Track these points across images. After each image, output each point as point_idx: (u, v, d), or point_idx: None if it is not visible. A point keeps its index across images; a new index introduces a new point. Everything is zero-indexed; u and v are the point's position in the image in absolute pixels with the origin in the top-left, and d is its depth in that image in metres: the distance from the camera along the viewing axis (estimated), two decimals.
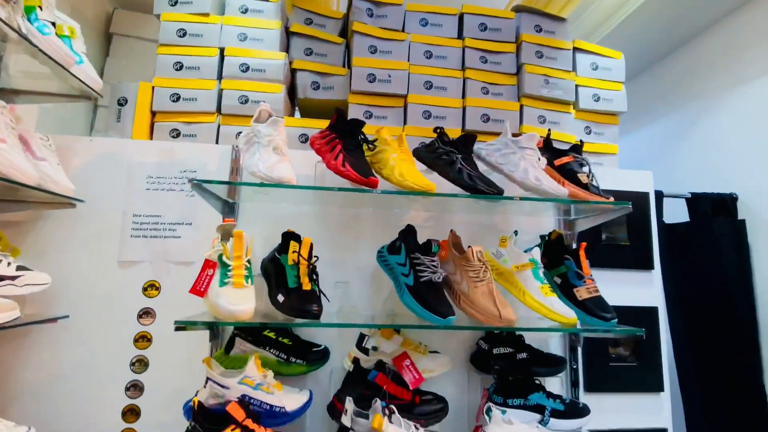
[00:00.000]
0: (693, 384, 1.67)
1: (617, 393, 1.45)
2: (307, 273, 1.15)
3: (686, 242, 1.88)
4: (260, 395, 1.12)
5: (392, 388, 1.18)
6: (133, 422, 1.30)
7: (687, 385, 1.66)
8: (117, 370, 1.31)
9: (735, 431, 1.64)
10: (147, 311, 1.36)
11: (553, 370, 1.32)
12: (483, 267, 1.18)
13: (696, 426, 1.63)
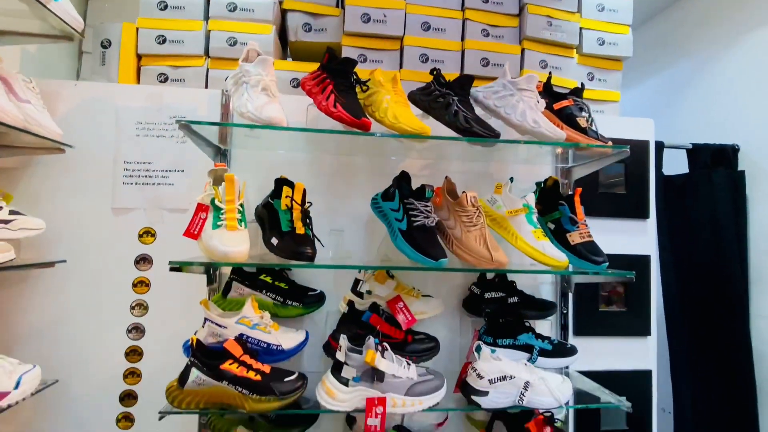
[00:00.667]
0: (680, 330, 1.72)
1: (605, 337, 1.49)
2: (300, 218, 1.15)
3: (683, 194, 1.87)
4: (257, 334, 1.16)
5: (385, 328, 1.21)
6: (137, 362, 1.35)
7: (674, 330, 1.71)
8: (117, 314, 1.34)
9: (717, 374, 1.70)
10: (144, 257, 1.37)
11: (543, 314, 1.35)
12: (476, 212, 1.17)
13: (679, 369, 1.70)
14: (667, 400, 1.81)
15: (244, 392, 1.02)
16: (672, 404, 1.80)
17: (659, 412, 1.56)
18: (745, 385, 1.66)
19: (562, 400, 1.11)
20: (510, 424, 1.23)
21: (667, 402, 1.82)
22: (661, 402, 1.56)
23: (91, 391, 1.32)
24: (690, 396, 1.72)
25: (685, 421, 1.74)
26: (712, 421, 1.71)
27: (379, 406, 1.04)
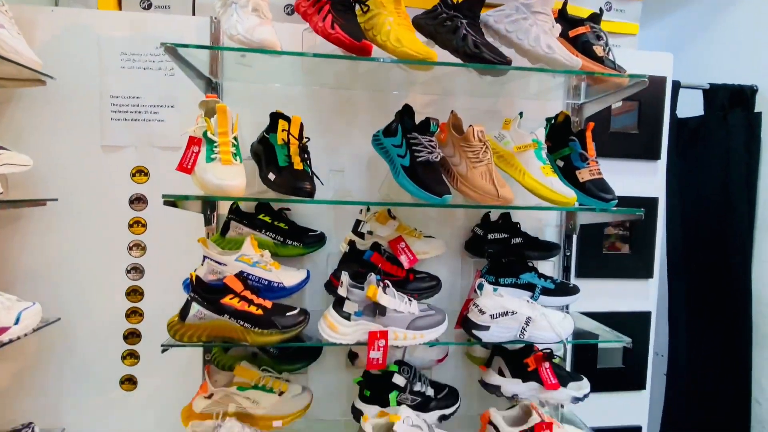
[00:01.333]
0: (681, 273, 1.72)
1: (607, 279, 1.49)
2: (297, 152, 1.09)
3: (696, 138, 1.80)
4: (258, 272, 1.14)
5: (387, 266, 1.20)
6: (138, 302, 1.35)
7: (675, 273, 1.71)
8: (115, 254, 1.32)
9: (714, 318, 1.72)
10: (138, 197, 1.33)
11: (546, 255, 1.33)
12: (483, 147, 1.12)
13: (677, 312, 1.71)
14: (662, 345, 1.85)
15: (245, 326, 1.01)
16: (667, 348, 1.83)
17: (654, 356, 1.59)
18: (741, 330, 1.68)
19: (563, 335, 1.11)
20: (509, 359, 1.24)
21: (662, 346, 1.86)
22: (656, 346, 1.59)
23: (95, 329, 1.33)
24: (686, 339, 1.75)
25: (678, 365, 1.78)
26: (705, 366, 1.74)
27: (381, 339, 1.04)
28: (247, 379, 1.17)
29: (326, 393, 1.38)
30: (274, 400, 1.16)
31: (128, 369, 1.35)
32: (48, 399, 1.32)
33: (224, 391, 1.15)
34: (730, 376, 1.71)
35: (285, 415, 1.16)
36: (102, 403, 1.34)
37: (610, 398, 1.52)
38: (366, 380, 1.22)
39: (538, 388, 1.21)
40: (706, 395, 1.74)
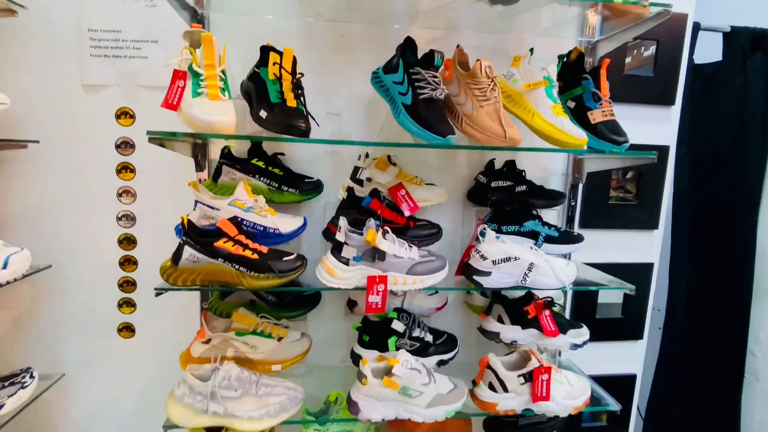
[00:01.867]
0: (685, 225, 1.68)
1: (611, 230, 1.46)
2: (291, 88, 1.02)
3: (711, 84, 1.71)
4: (252, 217, 1.10)
5: (386, 213, 1.15)
6: (131, 250, 1.32)
7: (679, 225, 1.67)
8: (104, 200, 1.28)
9: (715, 271, 1.70)
10: (125, 141, 1.26)
11: (552, 203, 1.28)
12: (491, 84, 1.04)
13: (679, 263, 1.70)
14: (659, 300, 1.84)
15: (241, 270, 0.98)
16: (665, 302, 1.83)
17: (651, 311, 1.58)
18: (742, 283, 1.67)
19: (566, 281, 1.09)
20: (509, 307, 1.23)
21: (659, 302, 1.85)
22: (653, 301, 1.58)
23: (89, 278, 1.31)
24: (685, 292, 1.74)
25: (676, 318, 1.79)
26: (703, 319, 1.75)
27: (380, 284, 1.01)
28: (245, 325, 1.16)
29: (325, 340, 1.38)
30: (273, 345, 1.15)
31: (125, 317, 1.34)
32: (47, 347, 1.32)
33: (222, 336, 1.14)
34: (726, 329, 1.72)
35: (284, 360, 1.16)
36: (101, 351, 1.34)
37: (608, 347, 1.53)
38: (365, 326, 1.22)
39: (538, 335, 1.20)
40: (702, 347, 1.76)
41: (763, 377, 1.70)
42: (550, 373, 1.10)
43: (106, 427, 1.38)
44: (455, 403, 1.10)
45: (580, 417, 1.58)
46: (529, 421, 1.33)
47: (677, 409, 1.80)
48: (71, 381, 1.33)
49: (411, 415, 1.08)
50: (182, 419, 1.02)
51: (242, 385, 1.04)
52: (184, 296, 1.31)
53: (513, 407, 1.12)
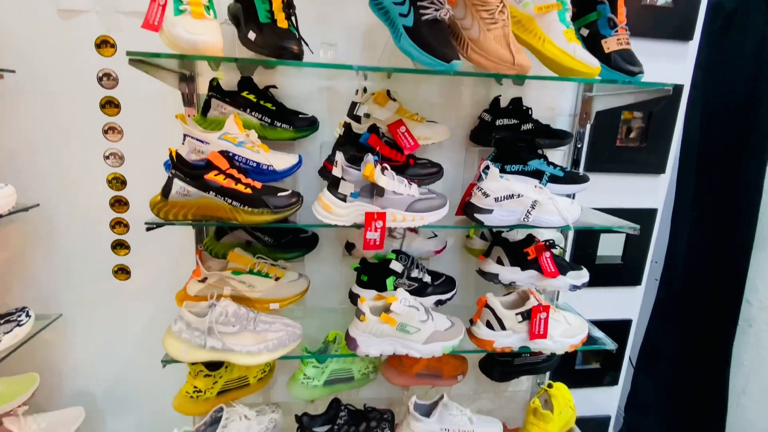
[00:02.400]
0: (692, 172, 1.64)
1: (617, 174, 1.41)
2: (281, 8, 0.94)
3: (731, 24, 1.60)
4: (244, 152, 1.05)
5: (385, 150, 1.10)
6: (121, 190, 1.27)
7: (686, 172, 1.64)
8: (89, 137, 1.22)
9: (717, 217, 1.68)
10: (107, 74, 1.19)
11: (558, 143, 1.24)
12: (500, 6, 0.96)
13: (682, 209, 1.67)
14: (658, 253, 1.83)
15: (234, 204, 0.95)
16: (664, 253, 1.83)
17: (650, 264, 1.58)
18: (744, 232, 1.65)
19: (570, 220, 1.06)
20: (509, 249, 1.21)
21: (658, 254, 1.84)
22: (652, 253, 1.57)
23: (79, 218, 1.27)
24: (685, 241, 1.73)
25: (675, 265, 1.79)
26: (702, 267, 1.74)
27: (378, 221, 0.98)
28: (242, 264, 1.14)
29: (323, 283, 1.38)
30: (270, 284, 1.14)
31: (120, 259, 1.32)
32: (42, 288, 1.31)
33: (218, 275, 1.12)
34: (724, 278, 1.72)
35: (282, 299, 1.15)
36: (98, 293, 1.34)
37: (605, 293, 1.54)
38: (363, 266, 1.20)
39: (537, 276, 1.19)
40: (699, 296, 1.77)
41: (756, 324, 1.72)
42: (548, 312, 1.10)
43: (107, 367, 1.40)
44: (453, 340, 1.11)
45: (574, 360, 1.61)
46: (524, 361, 1.36)
47: (669, 355, 1.85)
48: (69, 322, 1.33)
49: (408, 351, 1.09)
50: (180, 354, 1.02)
51: (240, 321, 1.04)
52: (178, 237, 1.29)
53: (509, 344, 1.13)
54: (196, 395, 1.18)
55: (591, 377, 1.64)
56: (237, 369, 1.26)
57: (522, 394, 1.57)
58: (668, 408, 1.86)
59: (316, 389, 1.25)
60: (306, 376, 1.24)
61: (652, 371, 1.87)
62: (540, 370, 1.38)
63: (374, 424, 1.23)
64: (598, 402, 1.67)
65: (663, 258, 1.83)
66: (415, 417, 1.19)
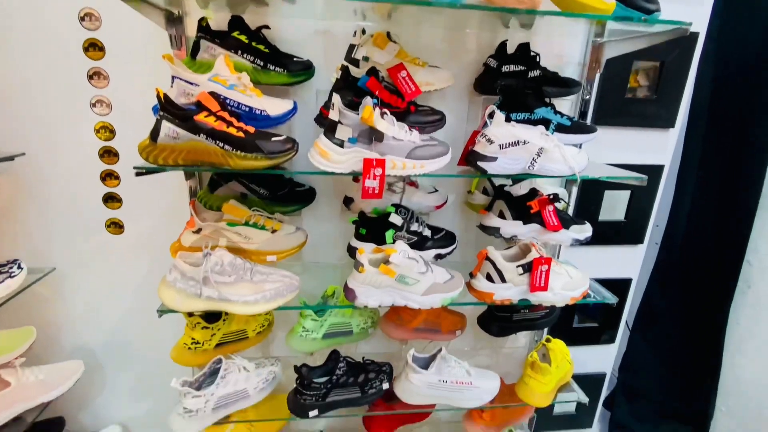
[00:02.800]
0: (701, 127, 1.59)
1: (625, 127, 1.36)
2: None
3: None
4: (236, 95, 0.99)
5: (385, 95, 1.05)
6: (110, 140, 1.23)
7: (694, 127, 1.58)
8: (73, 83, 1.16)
9: (723, 176, 1.64)
10: (89, 13, 1.11)
11: (566, 92, 1.18)
12: None
13: (688, 169, 1.63)
14: (660, 217, 1.80)
15: (226, 148, 0.90)
16: (667, 215, 1.80)
17: (652, 228, 1.55)
18: (750, 192, 1.62)
19: (577, 169, 1.02)
20: (511, 203, 1.18)
21: (660, 218, 1.82)
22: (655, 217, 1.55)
23: (68, 170, 1.23)
24: (690, 200, 1.70)
25: (677, 226, 1.76)
26: (704, 228, 1.72)
27: (377, 168, 0.94)
28: (237, 216, 1.11)
29: (322, 239, 1.35)
30: (267, 237, 1.12)
31: (112, 212, 1.29)
32: (35, 242, 1.29)
33: (213, 226, 1.09)
34: (727, 239, 1.70)
35: (279, 251, 1.13)
36: (91, 247, 1.31)
37: (607, 251, 1.52)
38: (361, 220, 1.17)
39: (539, 229, 1.17)
40: (699, 256, 1.76)
41: (755, 285, 1.72)
42: (550, 264, 1.08)
43: (105, 321, 1.40)
44: (452, 292, 1.09)
45: (572, 318, 1.62)
46: (523, 317, 1.35)
47: (666, 317, 1.86)
48: (63, 276, 1.31)
49: (407, 302, 1.08)
50: (175, 303, 1.00)
51: (236, 271, 1.02)
52: (171, 191, 1.25)
53: (509, 297, 1.12)
54: (194, 347, 1.18)
55: (588, 335, 1.65)
56: (235, 322, 1.25)
57: (520, 351, 1.58)
58: (662, 368, 1.89)
59: (314, 342, 1.25)
60: (305, 329, 1.24)
61: (649, 333, 1.89)
62: (538, 326, 1.38)
63: (373, 376, 1.24)
64: (594, 360, 1.69)
65: (664, 221, 1.81)
66: (413, 369, 1.20)
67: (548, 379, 1.25)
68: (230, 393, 1.16)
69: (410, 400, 1.22)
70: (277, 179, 1.21)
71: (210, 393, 1.13)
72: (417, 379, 1.20)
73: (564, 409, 1.76)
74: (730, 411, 1.82)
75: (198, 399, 1.11)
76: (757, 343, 1.72)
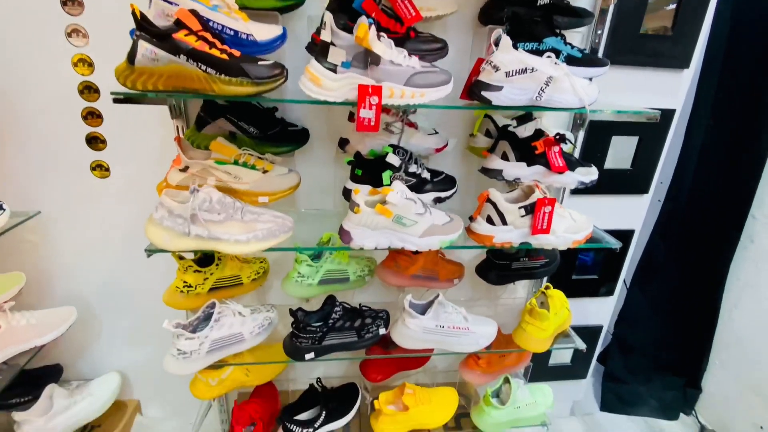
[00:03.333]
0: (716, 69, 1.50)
1: (637, 67, 1.28)
2: None
3: None
4: (220, 18, 0.91)
5: (383, 19, 0.96)
6: (90, 74, 1.14)
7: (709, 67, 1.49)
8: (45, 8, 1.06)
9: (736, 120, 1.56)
10: None
11: (577, 23, 1.09)
12: None
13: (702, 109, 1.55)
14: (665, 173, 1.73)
15: (209, 71, 0.83)
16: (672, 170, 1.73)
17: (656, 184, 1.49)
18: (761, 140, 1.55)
19: (587, 101, 0.95)
20: (516, 144, 1.12)
21: (665, 175, 1.75)
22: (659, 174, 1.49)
23: (47, 108, 1.16)
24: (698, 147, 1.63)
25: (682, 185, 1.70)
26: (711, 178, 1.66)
27: (373, 96, 0.87)
28: (225, 155, 1.05)
29: (316, 187, 1.30)
30: (258, 176, 1.06)
31: (97, 154, 1.23)
32: (19, 185, 1.23)
33: (201, 164, 1.03)
34: (734, 192, 1.65)
35: (272, 192, 1.08)
36: (77, 191, 1.26)
37: (611, 201, 1.47)
38: (357, 160, 1.11)
39: (544, 172, 1.11)
40: (703, 210, 1.71)
41: (758, 239, 1.68)
42: (553, 205, 1.03)
43: (96, 267, 1.36)
44: (451, 234, 1.05)
45: (571, 270, 1.59)
46: (522, 265, 1.32)
47: (666, 272, 1.83)
48: (50, 221, 1.27)
49: (404, 244, 1.04)
50: (163, 242, 0.96)
51: (225, 209, 0.97)
52: (157, 131, 1.19)
53: (510, 239, 1.07)
54: (187, 290, 1.15)
55: (587, 287, 1.62)
56: (229, 267, 1.22)
57: (518, 302, 1.56)
58: (659, 322, 1.89)
59: (310, 288, 1.22)
60: (300, 274, 1.20)
61: (648, 287, 1.87)
62: (537, 275, 1.35)
63: (369, 321, 1.22)
64: (592, 312, 1.68)
65: (668, 179, 1.75)
66: (410, 314, 1.18)
67: (546, 325, 1.23)
68: (225, 336, 1.14)
69: (407, 344, 1.20)
70: (267, 117, 1.14)
71: (204, 335, 1.10)
72: (413, 324, 1.18)
73: (559, 360, 1.76)
74: (724, 364, 1.83)
75: (191, 341, 1.09)
76: (755, 297, 1.70)
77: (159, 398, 1.60)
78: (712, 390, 1.89)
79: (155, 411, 1.62)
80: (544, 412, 1.44)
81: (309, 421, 1.32)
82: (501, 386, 1.44)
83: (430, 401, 1.40)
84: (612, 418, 1.93)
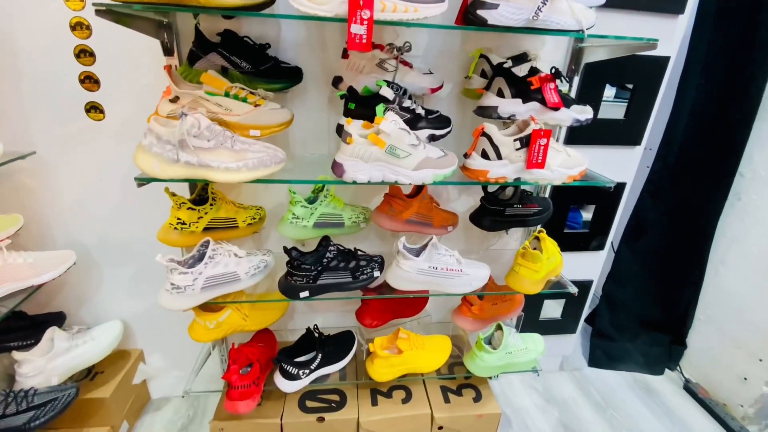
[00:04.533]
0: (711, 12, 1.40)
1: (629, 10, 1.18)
2: None
3: None
4: None
5: None
6: (80, 9, 1.05)
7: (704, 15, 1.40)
8: None
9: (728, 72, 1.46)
10: None
11: None
12: None
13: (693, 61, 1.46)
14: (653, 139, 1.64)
15: None
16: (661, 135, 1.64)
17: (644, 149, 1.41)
18: (751, 96, 1.46)
19: (584, 24, 0.86)
20: (512, 81, 1.03)
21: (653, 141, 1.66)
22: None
23: (39, 44, 1.07)
24: (688, 110, 1.54)
25: (672, 143, 1.62)
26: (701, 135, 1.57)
27: (365, 9, 0.78)
28: (216, 87, 0.96)
29: (310, 133, 1.22)
30: (249, 109, 0.97)
31: (91, 95, 1.14)
32: (14, 125, 1.14)
33: (191, 95, 0.95)
34: (723, 149, 1.56)
35: (263, 125, 0.99)
36: (72, 132, 1.17)
37: (602, 152, 1.39)
38: (351, 94, 1.02)
39: (540, 108, 1.03)
40: (693, 168, 1.63)
41: (746, 196, 1.60)
42: (549, 137, 0.95)
43: (92, 216, 1.28)
44: (445, 169, 0.97)
45: (563, 223, 1.51)
46: (515, 212, 1.24)
47: (655, 230, 1.75)
48: (46, 163, 1.19)
49: (398, 177, 0.96)
50: (152, 169, 0.88)
51: (215, 136, 0.88)
52: (150, 69, 1.10)
53: (504, 174, 0.99)
54: (180, 227, 1.07)
55: (578, 241, 1.55)
56: (224, 209, 1.14)
57: (510, 253, 1.48)
58: (646, 278, 1.81)
59: (305, 230, 1.15)
60: (294, 215, 1.13)
61: (636, 245, 1.79)
62: (530, 222, 1.28)
63: (364, 264, 1.15)
64: (582, 266, 1.60)
65: (656, 146, 1.66)
66: (404, 255, 1.10)
67: (539, 266, 1.16)
68: (220, 274, 1.06)
69: (401, 286, 1.13)
70: (260, 53, 1.05)
71: (198, 272, 1.03)
72: (407, 266, 1.10)
73: (549, 314, 1.69)
74: (709, 319, 1.77)
75: (185, 276, 1.01)
76: (742, 253, 1.63)
77: (162, 348, 1.54)
78: (697, 345, 1.83)
79: (158, 361, 1.56)
80: (535, 358, 1.37)
81: (305, 362, 1.25)
82: (493, 333, 1.37)
83: (424, 347, 1.34)
84: (600, 373, 1.87)
